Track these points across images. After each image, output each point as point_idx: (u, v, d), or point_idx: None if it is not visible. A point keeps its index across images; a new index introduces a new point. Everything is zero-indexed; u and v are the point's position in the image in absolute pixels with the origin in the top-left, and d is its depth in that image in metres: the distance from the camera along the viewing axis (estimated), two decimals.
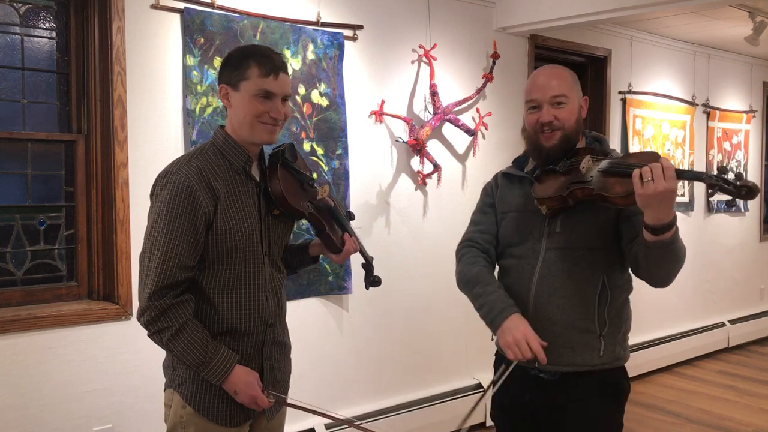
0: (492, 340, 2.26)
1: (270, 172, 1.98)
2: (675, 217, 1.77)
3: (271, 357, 1.99)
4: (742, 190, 1.65)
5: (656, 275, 1.90)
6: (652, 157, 1.80)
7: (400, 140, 3.75)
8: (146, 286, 1.80)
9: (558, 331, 1.98)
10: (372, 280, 2.17)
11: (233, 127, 1.92)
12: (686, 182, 5.76)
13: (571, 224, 1.98)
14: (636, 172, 1.72)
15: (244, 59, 1.86)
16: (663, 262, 1.83)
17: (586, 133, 2.12)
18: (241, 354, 1.92)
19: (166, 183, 1.84)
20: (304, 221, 2.51)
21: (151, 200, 1.90)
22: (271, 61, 1.86)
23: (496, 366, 2.23)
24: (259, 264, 1.94)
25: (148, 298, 1.78)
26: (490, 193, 2.23)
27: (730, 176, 1.69)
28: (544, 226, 2.02)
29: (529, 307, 2.02)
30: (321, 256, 2.18)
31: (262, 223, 1.95)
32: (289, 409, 2.16)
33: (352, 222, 2.22)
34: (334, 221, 2.10)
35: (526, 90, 2.07)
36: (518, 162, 2.20)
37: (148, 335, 1.84)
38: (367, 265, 2.18)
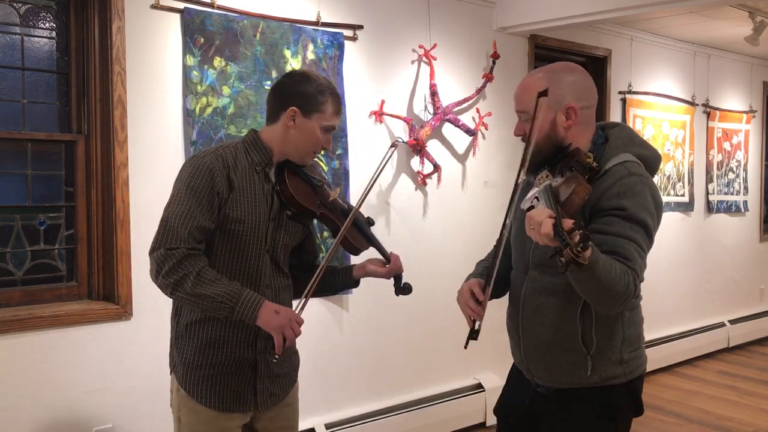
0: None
1: (279, 176, 2.06)
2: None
3: (266, 350, 2.02)
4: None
5: (587, 299, 1.80)
6: (577, 181, 1.71)
7: (400, 140, 3.75)
8: (163, 241, 1.86)
9: (544, 349, 1.95)
10: (402, 287, 2.21)
11: (279, 141, 2.03)
12: (686, 183, 5.77)
13: None
14: (527, 217, 1.65)
15: (322, 94, 2.02)
16: (585, 287, 1.72)
17: (597, 136, 1.96)
18: (232, 342, 1.98)
19: (191, 165, 1.96)
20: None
21: (174, 182, 1.98)
22: (340, 102, 2.08)
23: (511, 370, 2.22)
24: (261, 259, 2.01)
25: (166, 249, 1.84)
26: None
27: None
28: (531, 240, 1.91)
29: (519, 321, 2.01)
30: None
31: (270, 222, 2.02)
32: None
33: (372, 228, 2.27)
34: (352, 226, 2.13)
35: None
36: None
37: (171, 291, 1.86)
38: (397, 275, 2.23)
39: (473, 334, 1.94)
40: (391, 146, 2.19)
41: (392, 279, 2.22)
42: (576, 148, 1.88)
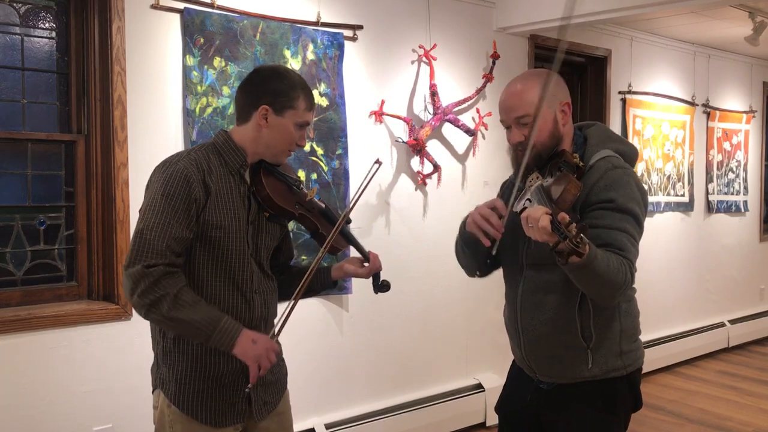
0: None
1: (254, 177, 2.00)
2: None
3: None
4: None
5: (588, 293, 1.85)
6: (567, 179, 1.76)
7: (400, 140, 3.75)
8: (140, 257, 1.77)
9: (545, 345, 1.98)
10: (380, 285, 2.14)
11: (252, 142, 1.96)
12: (686, 183, 5.77)
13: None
14: (523, 216, 1.69)
15: (293, 89, 1.95)
16: (585, 282, 1.76)
17: (576, 136, 2.03)
18: (220, 352, 1.91)
19: (164, 171, 1.87)
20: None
21: (146, 190, 1.91)
22: (313, 96, 2.00)
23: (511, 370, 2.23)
24: (246, 265, 1.95)
25: (143, 266, 1.76)
26: (500, 194, 2.22)
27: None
28: (524, 241, 1.99)
29: (518, 320, 2.04)
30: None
31: (249, 226, 1.97)
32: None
33: (350, 225, 2.23)
34: (328, 223, 2.11)
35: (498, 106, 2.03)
36: None
37: (146, 312, 1.79)
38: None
39: (491, 249, 1.88)
40: (375, 162, 2.12)
41: (371, 278, 2.16)
42: (562, 149, 1.96)
